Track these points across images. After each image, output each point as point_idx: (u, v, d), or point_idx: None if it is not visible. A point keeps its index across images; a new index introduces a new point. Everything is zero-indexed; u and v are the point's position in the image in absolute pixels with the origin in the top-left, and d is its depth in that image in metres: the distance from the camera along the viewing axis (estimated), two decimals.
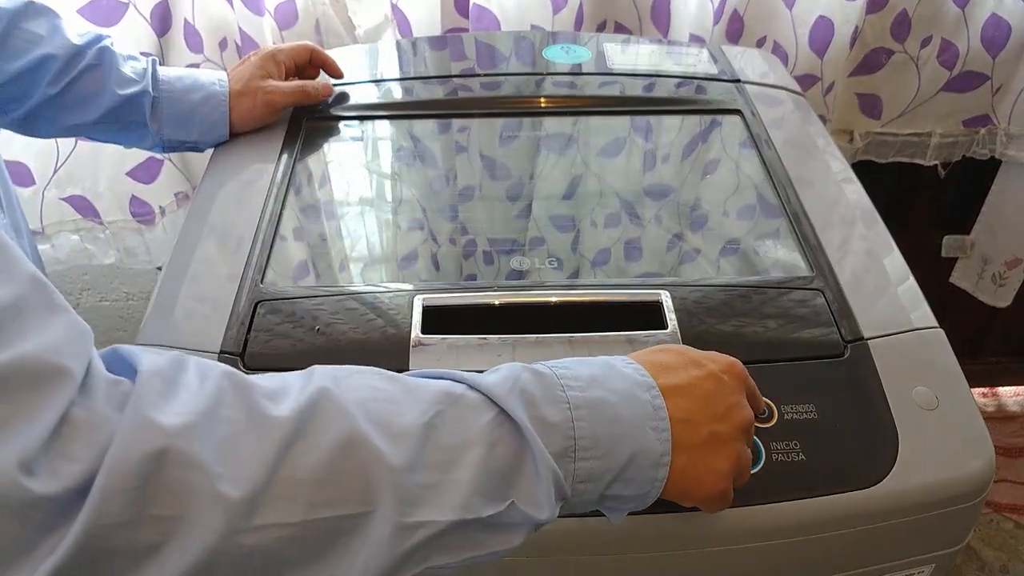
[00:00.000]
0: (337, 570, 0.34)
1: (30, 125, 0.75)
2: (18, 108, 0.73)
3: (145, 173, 1.08)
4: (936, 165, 1.24)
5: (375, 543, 0.35)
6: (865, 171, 1.23)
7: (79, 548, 0.29)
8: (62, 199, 1.09)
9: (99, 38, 0.75)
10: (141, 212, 1.11)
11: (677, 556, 0.53)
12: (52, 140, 1.02)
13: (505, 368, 0.41)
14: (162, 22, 0.99)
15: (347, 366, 0.40)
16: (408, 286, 0.63)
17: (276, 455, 0.33)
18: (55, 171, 1.05)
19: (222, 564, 0.32)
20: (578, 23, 1.08)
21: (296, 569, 0.34)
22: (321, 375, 0.38)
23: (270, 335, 0.59)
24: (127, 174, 1.07)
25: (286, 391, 0.36)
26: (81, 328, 0.34)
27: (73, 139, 1.03)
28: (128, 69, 0.76)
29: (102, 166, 1.06)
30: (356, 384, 0.38)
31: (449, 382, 0.40)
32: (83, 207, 1.10)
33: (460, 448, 0.37)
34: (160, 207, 1.12)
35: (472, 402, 0.38)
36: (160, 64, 0.79)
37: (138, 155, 1.07)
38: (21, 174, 1.04)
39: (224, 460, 0.32)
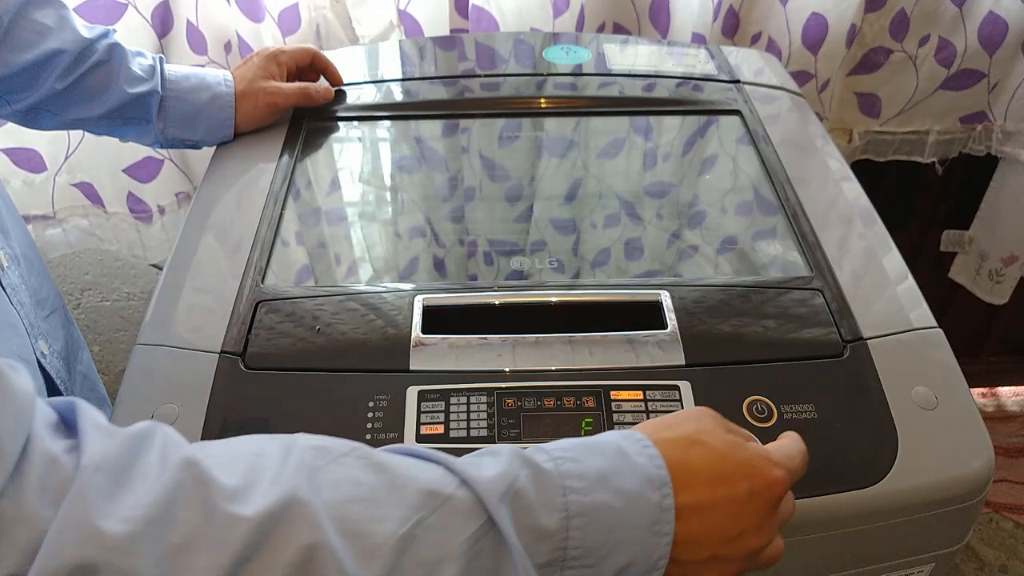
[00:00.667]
0: None
1: (32, 117, 0.75)
2: (22, 100, 0.72)
3: (143, 171, 1.08)
4: (934, 163, 1.24)
5: None
6: (864, 169, 1.23)
7: None
8: (72, 184, 1.09)
9: (107, 33, 0.75)
10: (138, 209, 1.11)
11: None
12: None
13: (505, 457, 0.36)
14: (163, 23, 0.99)
15: (333, 445, 0.35)
16: (408, 286, 0.64)
17: (230, 570, 0.30)
18: (66, 158, 1.06)
19: None
20: (579, 27, 1.09)
21: None
22: (297, 466, 0.33)
23: (271, 335, 0.59)
24: (124, 171, 1.07)
25: (253, 485, 0.32)
26: (21, 395, 0.30)
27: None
28: (136, 66, 0.75)
29: (102, 159, 1.06)
30: (336, 478, 0.33)
31: (440, 474, 0.35)
32: (91, 194, 1.10)
33: (437, 563, 0.33)
34: (159, 206, 1.12)
35: (460, 507, 0.34)
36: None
37: (136, 153, 1.07)
38: (33, 161, 1.05)
39: (171, 570, 0.29)
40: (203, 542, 0.29)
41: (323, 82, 0.89)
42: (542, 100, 0.88)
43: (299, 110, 0.84)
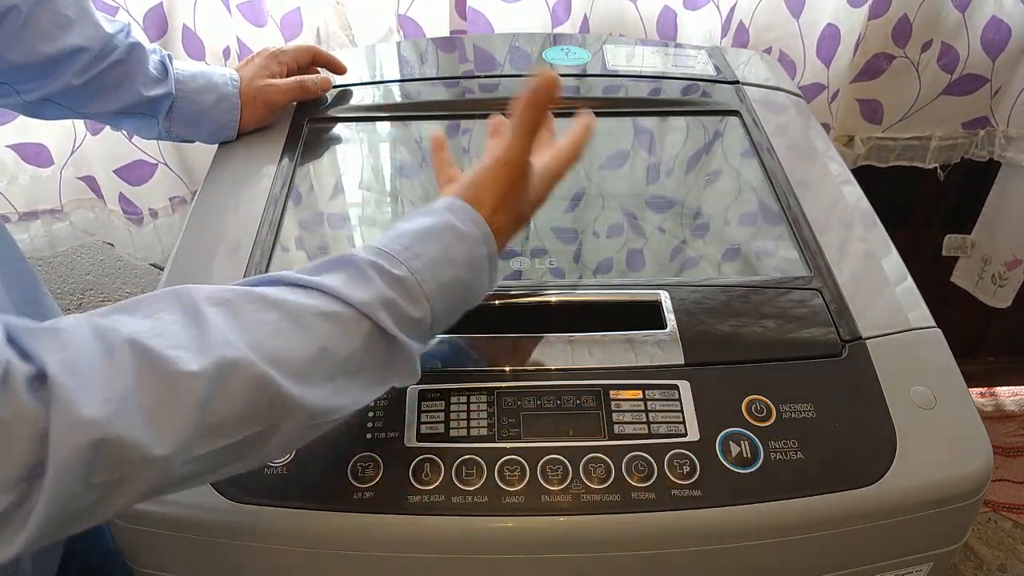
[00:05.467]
0: (253, 458, 0.43)
1: (39, 109, 0.74)
2: (34, 91, 0.71)
3: (133, 174, 1.08)
4: (936, 168, 1.24)
5: (287, 435, 0.42)
6: (864, 171, 1.23)
7: (45, 520, 0.34)
8: (78, 178, 1.09)
9: (127, 29, 0.74)
10: (130, 210, 1.11)
11: (674, 555, 0.53)
12: (70, 121, 1.02)
13: (369, 279, 0.45)
14: (156, 27, 0.99)
15: (231, 298, 0.42)
16: None
17: (197, 412, 0.37)
18: (72, 152, 1.06)
19: (164, 487, 0.39)
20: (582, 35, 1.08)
21: (225, 467, 0.42)
22: (216, 324, 0.40)
23: None
24: (114, 172, 1.07)
25: (196, 346, 0.38)
26: None
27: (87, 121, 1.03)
28: (152, 67, 0.74)
29: (101, 154, 1.06)
30: (249, 325, 0.41)
31: (324, 300, 0.44)
32: (95, 188, 1.10)
33: (346, 360, 0.43)
34: (151, 209, 1.12)
35: (350, 319, 0.44)
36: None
37: (126, 155, 1.06)
38: (41, 155, 1.05)
39: (151, 429, 0.36)
40: (169, 401, 0.37)
41: (323, 73, 0.88)
42: None
43: (300, 111, 0.85)
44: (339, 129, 0.85)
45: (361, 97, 0.88)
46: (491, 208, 0.51)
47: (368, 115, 0.87)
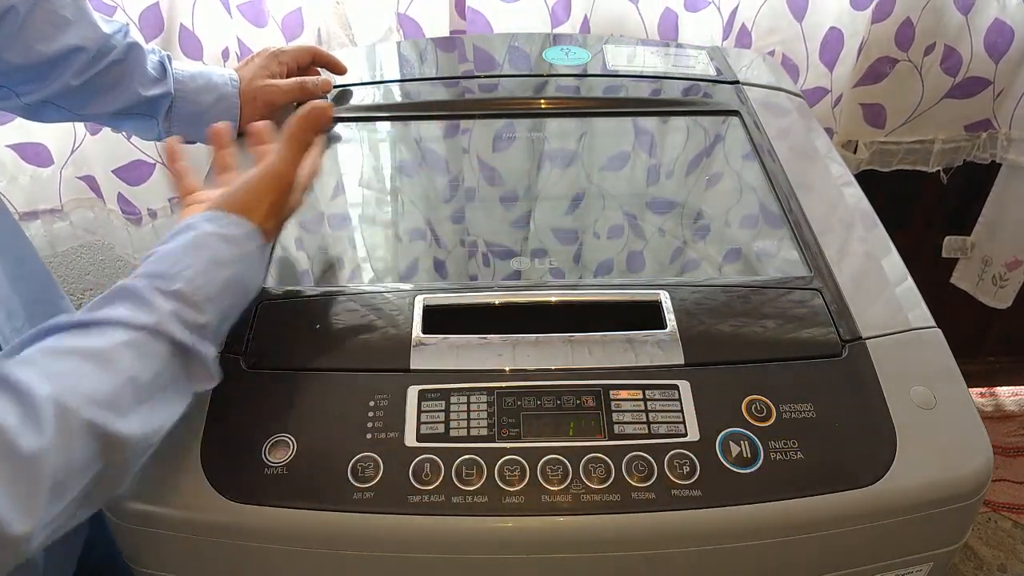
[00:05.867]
0: (99, 499, 0.45)
1: (39, 111, 0.74)
2: (33, 93, 0.71)
3: (132, 174, 1.08)
4: (939, 171, 1.24)
5: (120, 469, 0.45)
6: (866, 173, 1.23)
7: None
8: (78, 177, 1.09)
9: (124, 29, 0.74)
10: (128, 210, 1.11)
11: (674, 555, 0.53)
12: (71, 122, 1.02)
13: (143, 295, 0.47)
14: (152, 27, 0.99)
15: (34, 349, 0.44)
16: (409, 286, 0.64)
17: (46, 482, 0.39)
18: (72, 152, 1.06)
19: (27, 555, 0.40)
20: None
21: (77, 515, 0.44)
22: (38, 378, 0.41)
23: (271, 334, 0.59)
24: (113, 172, 1.07)
25: (27, 414, 0.39)
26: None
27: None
28: (151, 67, 0.74)
29: (100, 154, 1.06)
30: (56, 373, 0.42)
31: (117, 332, 0.45)
32: (95, 187, 1.10)
33: (155, 377, 0.46)
34: (149, 209, 1.12)
35: (148, 341, 0.46)
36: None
37: (125, 155, 1.06)
38: (41, 155, 1.05)
39: (10, 507, 0.38)
40: (24, 481, 0.39)
41: (324, 75, 0.88)
42: (542, 101, 0.88)
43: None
44: (339, 129, 0.85)
45: (361, 97, 0.88)
46: (262, 215, 0.55)
47: (368, 115, 0.87)
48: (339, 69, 0.88)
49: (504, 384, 0.57)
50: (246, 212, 0.54)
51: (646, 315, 0.61)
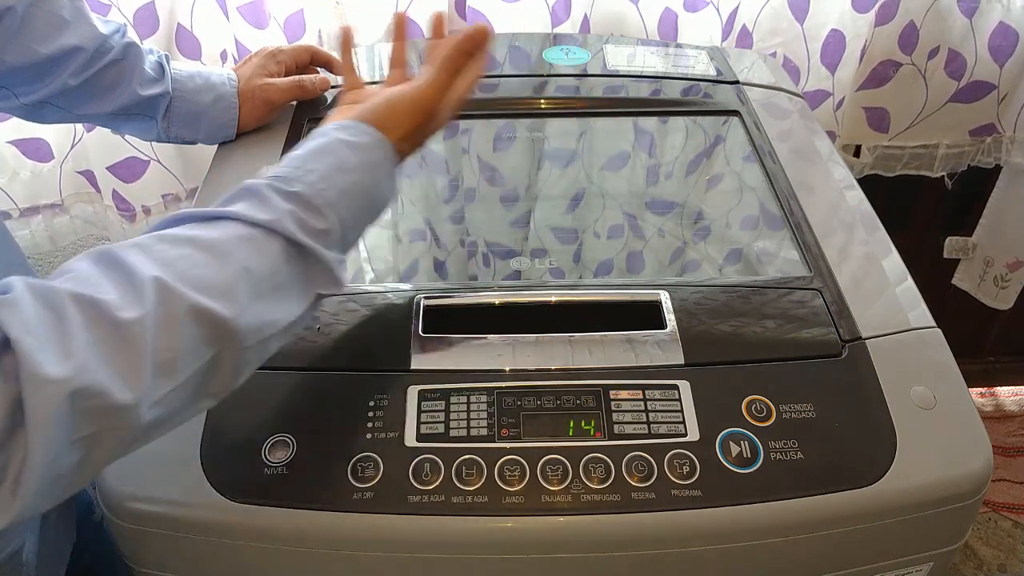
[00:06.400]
0: (215, 389, 0.44)
1: (38, 112, 0.74)
2: (32, 94, 0.71)
3: (126, 171, 1.08)
4: (943, 176, 1.24)
5: (235, 358, 0.44)
6: (868, 175, 1.23)
7: (36, 483, 0.36)
8: (78, 172, 1.09)
9: (122, 29, 0.74)
10: (123, 207, 1.11)
11: (674, 555, 0.53)
12: None
13: (272, 201, 0.47)
14: (147, 26, 0.99)
15: (160, 248, 0.43)
16: (409, 286, 0.64)
17: (147, 355, 0.39)
18: (72, 147, 1.06)
19: (140, 436, 0.41)
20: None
21: (191, 405, 0.44)
22: (146, 262, 0.41)
23: None
24: (108, 168, 1.07)
25: (129, 291, 0.40)
26: None
27: None
28: (148, 67, 0.75)
29: (98, 150, 1.06)
30: (168, 259, 0.42)
31: (238, 227, 0.45)
32: (94, 183, 1.11)
33: (270, 275, 0.45)
34: (143, 206, 1.12)
35: (263, 238, 0.46)
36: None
37: (119, 152, 1.06)
38: (42, 150, 1.05)
39: (114, 377, 0.38)
40: (120, 350, 0.38)
41: (322, 73, 0.88)
42: (542, 101, 0.88)
43: (300, 111, 0.85)
44: None
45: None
46: (399, 136, 0.54)
47: None
48: (338, 69, 0.88)
49: (504, 384, 0.57)
50: (382, 128, 0.53)
51: (646, 315, 0.61)
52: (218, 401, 0.46)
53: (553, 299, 0.63)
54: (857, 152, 1.23)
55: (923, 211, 1.35)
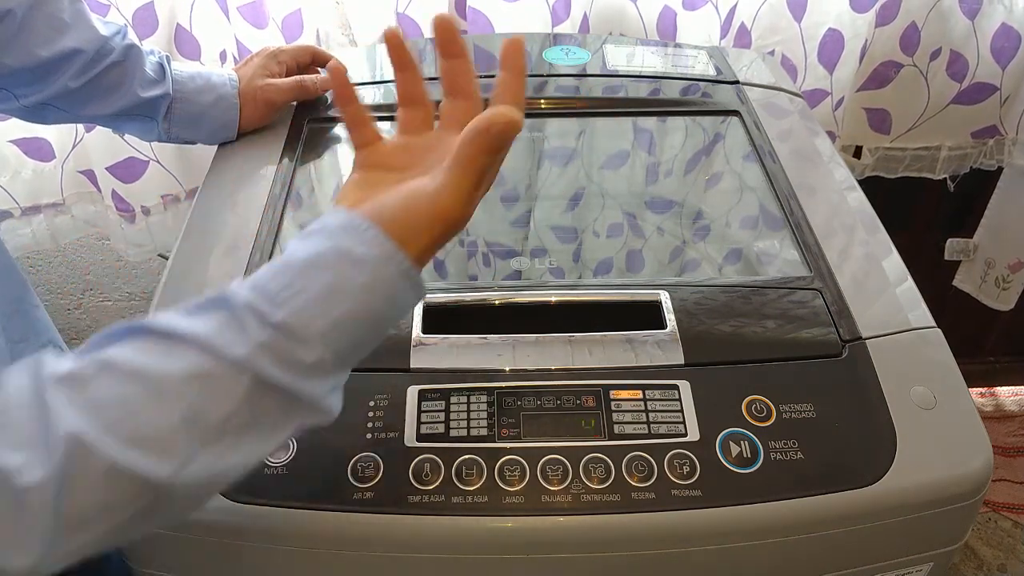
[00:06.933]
0: (145, 528, 0.39)
1: (38, 113, 0.74)
2: (32, 96, 0.71)
3: (125, 171, 1.08)
4: (945, 178, 1.24)
5: (172, 509, 0.39)
6: (869, 176, 1.23)
7: None
8: (79, 172, 1.09)
9: (123, 31, 0.74)
10: (122, 207, 1.11)
11: (674, 555, 0.53)
12: None
13: (246, 328, 0.39)
14: (147, 26, 0.99)
15: (77, 370, 0.38)
16: None
17: (46, 521, 0.35)
18: (74, 146, 1.06)
19: None
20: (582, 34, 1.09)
21: (113, 542, 0.38)
22: (70, 409, 0.36)
23: None
24: (107, 168, 1.07)
25: (40, 446, 0.35)
26: None
27: None
28: (149, 68, 0.75)
29: (98, 149, 1.07)
30: (102, 401, 0.37)
31: (194, 358, 0.39)
32: (95, 182, 1.11)
33: (225, 421, 0.38)
34: (143, 206, 1.12)
35: (223, 375, 0.39)
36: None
37: (118, 153, 1.06)
38: (43, 150, 1.05)
39: (4, 549, 0.35)
40: (19, 517, 0.34)
41: (322, 73, 0.88)
42: (542, 101, 0.88)
43: (300, 111, 0.85)
44: (339, 129, 0.85)
45: (361, 97, 0.88)
46: (419, 249, 0.43)
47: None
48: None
49: (504, 384, 0.57)
50: (397, 237, 0.42)
51: (646, 315, 0.61)
52: (147, 534, 0.40)
53: (553, 299, 0.63)
54: (858, 153, 1.22)
55: (924, 211, 1.35)
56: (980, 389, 1.65)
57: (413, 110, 0.51)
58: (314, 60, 0.87)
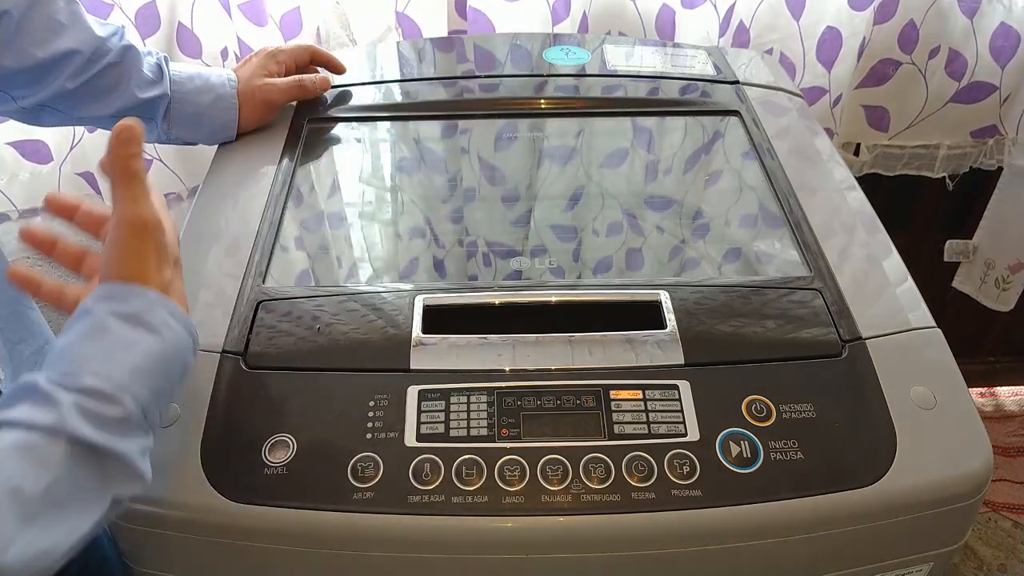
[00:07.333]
0: None
1: (36, 115, 0.74)
2: (29, 97, 0.71)
3: None
4: (944, 177, 1.24)
5: None
6: (868, 175, 1.23)
7: None
8: (77, 174, 1.09)
9: (120, 31, 0.74)
10: None
11: (674, 555, 0.53)
12: None
13: (45, 390, 0.41)
14: (150, 24, 0.99)
15: None
16: (408, 286, 0.64)
17: None
18: (71, 148, 1.06)
19: None
20: (581, 34, 1.09)
21: None
22: None
23: (271, 335, 0.59)
24: None
25: None
26: None
27: None
28: (147, 68, 0.75)
29: (96, 153, 1.06)
30: None
31: (7, 435, 0.40)
32: (94, 184, 1.11)
33: (50, 489, 0.39)
34: None
35: (40, 444, 0.40)
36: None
37: None
38: (40, 152, 1.05)
39: None
40: None
41: (322, 73, 0.88)
42: (542, 101, 0.88)
43: (300, 111, 0.85)
44: (339, 129, 0.85)
45: (361, 97, 0.88)
46: (150, 271, 0.47)
47: (368, 115, 0.87)
48: (337, 68, 0.88)
49: (504, 384, 0.57)
50: (134, 276, 0.47)
51: (646, 315, 0.61)
52: None
53: (553, 299, 0.63)
54: (856, 151, 1.22)
55: (923, 211, 1.35)
56: (980, 389, 1.65)
57: (87, 266, 0.54)
58: (313, 60, 0.87)
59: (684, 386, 0.56)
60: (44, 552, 0.39)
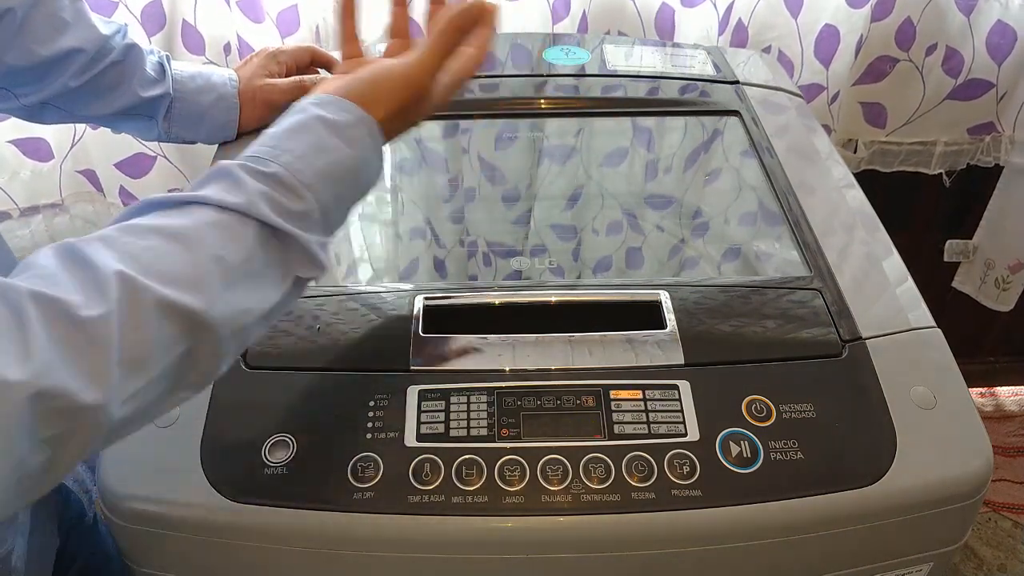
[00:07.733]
0: (191, 380, 0.43)
1: (38, 113, 0.74)
2: (32, 95, 0.71)
3: (134, 168, 1.08)
4: (940, 173, 1.24)
5: (212, 349, 0.43)
6: (867, 174, 1.23)
7: (2, 486, 0.35)
8: (77, 171, 1.09)
9: (123, 30, 0.74)
10: (129, 203, 1.12)
11: (674, 555, 0.53)
12: None
13: (245, 182, 0.45)
14: (154, 22, 0.99)
15: (99, 232, 0.42)
16: (409, 286, 0.64)
17: (113, 353, 0.37)
18: (72, 146, 1.06)
19: (112, 433, 0.39)
20: (581, 32, 1.09)
21: (166, 398, 0.42)
22: (110, 256, 0.40)
23: (271, 334, 0.59)
24: (115, 165, 1.07)
25: (92, 288, 0.38)
26: None
27: None
28: (150, 67, 0.75)
29: (101, 148, 1.07)
30: (134, 251, 0.41)
31: (210, 212, 0.43)
32: (95, 181, 1.11)
33: (244, 262, 0.43)
34: None
35: (235, 223, 0.44)
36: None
37: (127, 148, 1.06)
38: (41, 150, 1.05)
39: (77, 378, 0.36)
40: (83, 350, 0.37)
41: (322, 74, 0.88)
42: (542, 101, 0.88)
43: None
44: None
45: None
46: (383, 115, 0.51)
47: None
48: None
49: (504, 384, 0.57)
50: (364, 105, 0.50)
51: (646, 315, 0.61)
52: (199, 391, 0.44)
53: (553, 299, 0.63)
54: (854, 147, 1.23)
55: (923, 211, 1.35)
56: (980, 389, 1.65)
57: (398, 41, 0.62)
58: (313, 60, 0.87)
59: (684, 386, 0.56)
60: (243, 311, 0.43)
